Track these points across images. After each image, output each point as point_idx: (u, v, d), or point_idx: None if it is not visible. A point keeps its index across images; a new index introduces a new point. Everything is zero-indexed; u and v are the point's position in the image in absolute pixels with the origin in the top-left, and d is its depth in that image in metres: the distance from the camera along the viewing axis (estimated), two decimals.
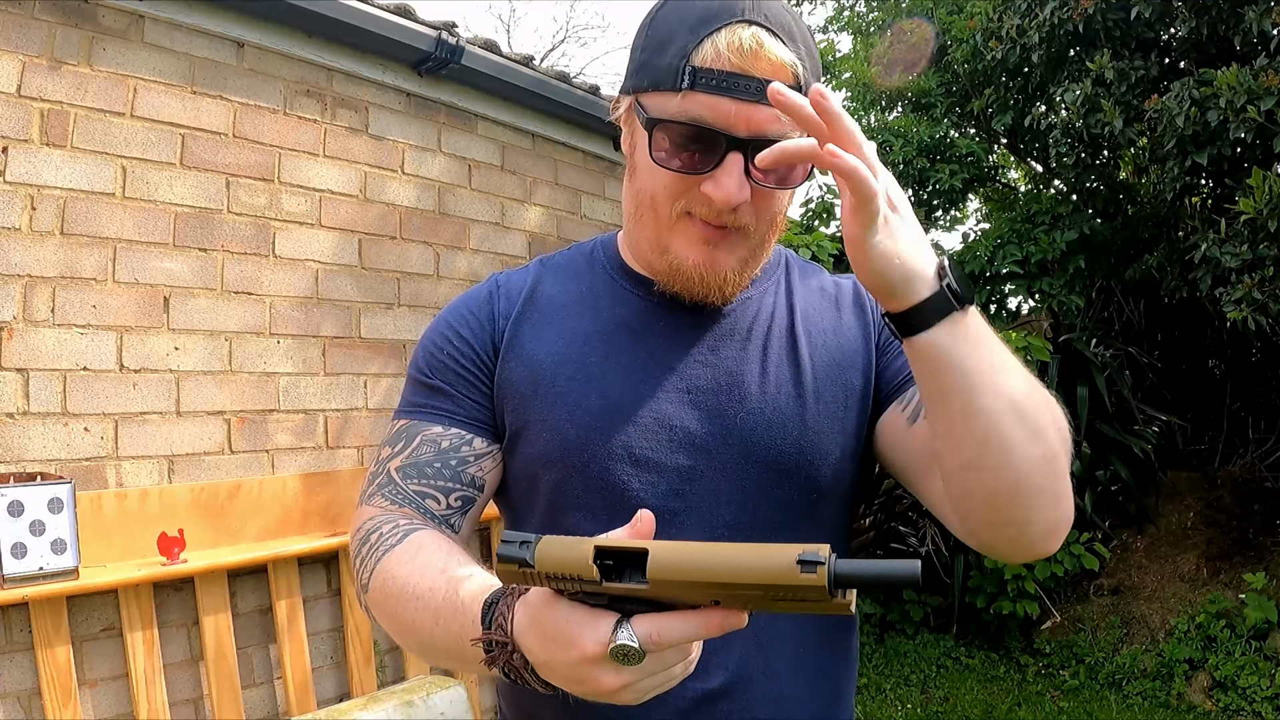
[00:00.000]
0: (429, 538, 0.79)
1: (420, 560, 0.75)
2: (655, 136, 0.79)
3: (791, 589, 0.49)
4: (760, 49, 0.74)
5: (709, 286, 0.84)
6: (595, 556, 0.51)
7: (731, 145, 0.76)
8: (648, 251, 0.87)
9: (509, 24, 25.26)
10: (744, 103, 0.74)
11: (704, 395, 0.85)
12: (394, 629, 0.77)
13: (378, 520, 0.83)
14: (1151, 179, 4.64)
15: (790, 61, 0.75)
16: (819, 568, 0.48)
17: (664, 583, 0.50)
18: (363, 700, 2.33)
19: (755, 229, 0.82)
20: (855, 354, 0.91)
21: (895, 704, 3.91)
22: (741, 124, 0.75)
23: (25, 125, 2.25)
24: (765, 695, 0.83)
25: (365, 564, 0.80)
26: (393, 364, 3.10)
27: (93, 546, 2.24)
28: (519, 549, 0.52)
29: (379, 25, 2.90)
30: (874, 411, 0.90)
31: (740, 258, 0.84)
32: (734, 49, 0.74)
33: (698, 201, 0.79)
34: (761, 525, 0.84)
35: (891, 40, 5.51)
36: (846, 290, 0.95)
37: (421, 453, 0.86)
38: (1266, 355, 4.99)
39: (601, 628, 0.54)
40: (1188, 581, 4.23)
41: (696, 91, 0.75)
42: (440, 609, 0.69)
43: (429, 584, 0.72)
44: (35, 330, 2.26)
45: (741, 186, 0.76)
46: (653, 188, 0.82)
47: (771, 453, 0.84)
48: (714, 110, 0.75)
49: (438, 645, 0.71)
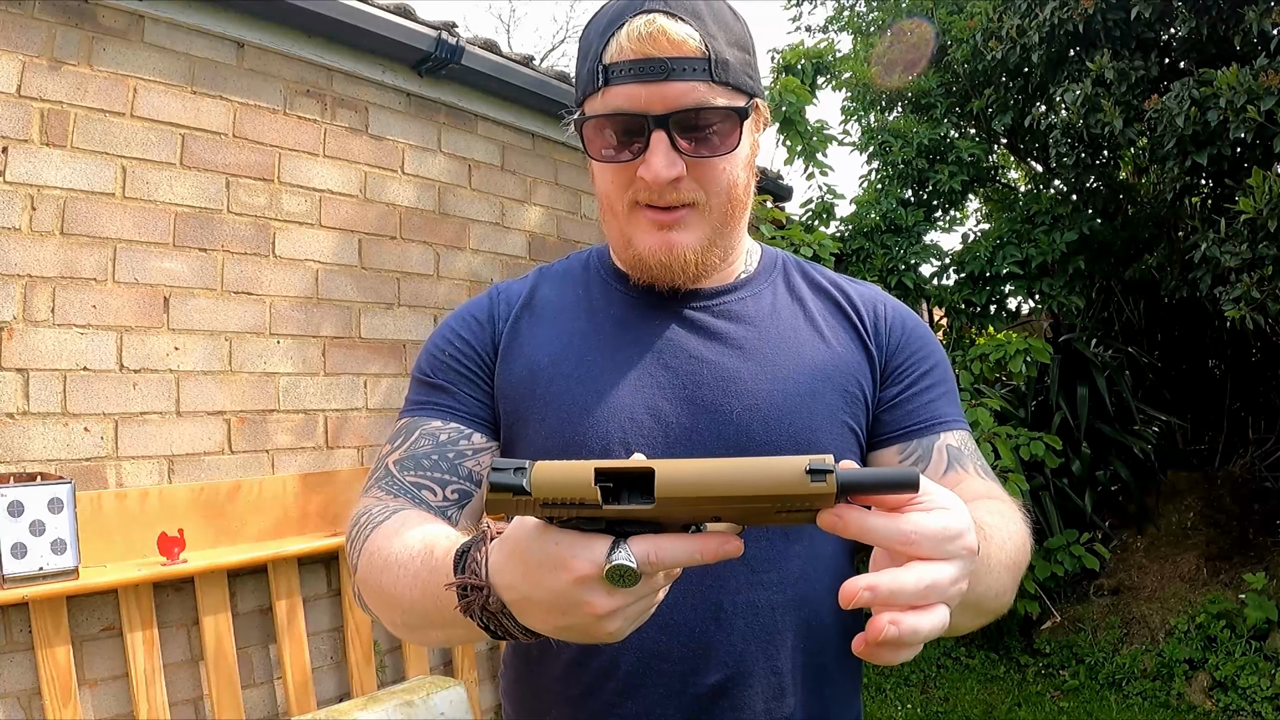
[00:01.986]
0: (415, 514, 0.78)
1: (404, 532, 0.74)
2: (586, 135, 0.83)
3: (801, 498, 0.49)
4: (661, 32, 0.78)
5: (672, 271, 0.85)
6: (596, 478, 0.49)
7: (654, 125, 0.79)
8: (618, 249, 0.90)
9: (509, 24, 25.29)
10: (653, 84, 0.78)
11: (697, 391, 0.86)
12: (379, 603, 0.76)
13: (371, 508, 0.83)
14: (1151, 179, 4.64)
15: (689, 35, 0.78)
16: (828, 476, 0.48)
17: (670, 500, 0.49)
18: (363, 700, 2.33)
19: (708, 204, 0.84)
20: (856, 364, 0.91)
21: (895, 704, 3.90)
22: (657, 103, 0.78)
23: (25, 125, 2.25)
24: (767, 691, 0.83)
25: (354, 546, 0.80)
26: (392, 364, 3.10)
27: (93, 546, 2.24)
28: (513, 475, 0.49)
29: (379, 25, 2.90)
30: (868, 437, 0.91)
31: (699, 237, 0.85)
32: (634, 38, 0.78)
33: (641, 188, 0.82)
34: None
35: (891, 40, 5.50)
36: (855, 300, 0.95)
37: (419, 446, 0.87)
38: (1266, 355, 4.99)
39: (597, 548, 0.51)
40: (1188, 581, 4.23)
41: (611, 85, 0.79)
42: (418, 571, 0.68)
43: (410, 551, 0.70)
44: (35, 330, 2.26)
45: (671, 163, 0.79)
46: (604, 186, 0.86)
47: (766, 450, 0.84)
48: (629, 98, 0.79)
49: (418, 610, 0.69)
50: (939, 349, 0.96)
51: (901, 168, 5.26)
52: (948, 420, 0.91)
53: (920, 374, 0.92)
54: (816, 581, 0.87)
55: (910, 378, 0.92)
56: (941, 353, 0.96)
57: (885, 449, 0.90)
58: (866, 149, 5.51)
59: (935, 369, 0.93)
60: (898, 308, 0.96)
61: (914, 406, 0.90)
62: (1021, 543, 0.79)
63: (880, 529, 0.51)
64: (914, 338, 0.94)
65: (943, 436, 0.90)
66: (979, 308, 5.22)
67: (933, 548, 0.52)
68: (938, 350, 0.96)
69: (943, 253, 5.22)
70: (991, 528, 0.73)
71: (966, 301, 5.18)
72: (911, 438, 0.89)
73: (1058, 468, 4.39)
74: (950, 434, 0.90)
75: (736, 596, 0.83)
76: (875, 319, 0.94)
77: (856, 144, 5.63)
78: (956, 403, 0.94)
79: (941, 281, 5.36)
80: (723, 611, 0.83)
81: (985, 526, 0.71)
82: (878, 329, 0.93)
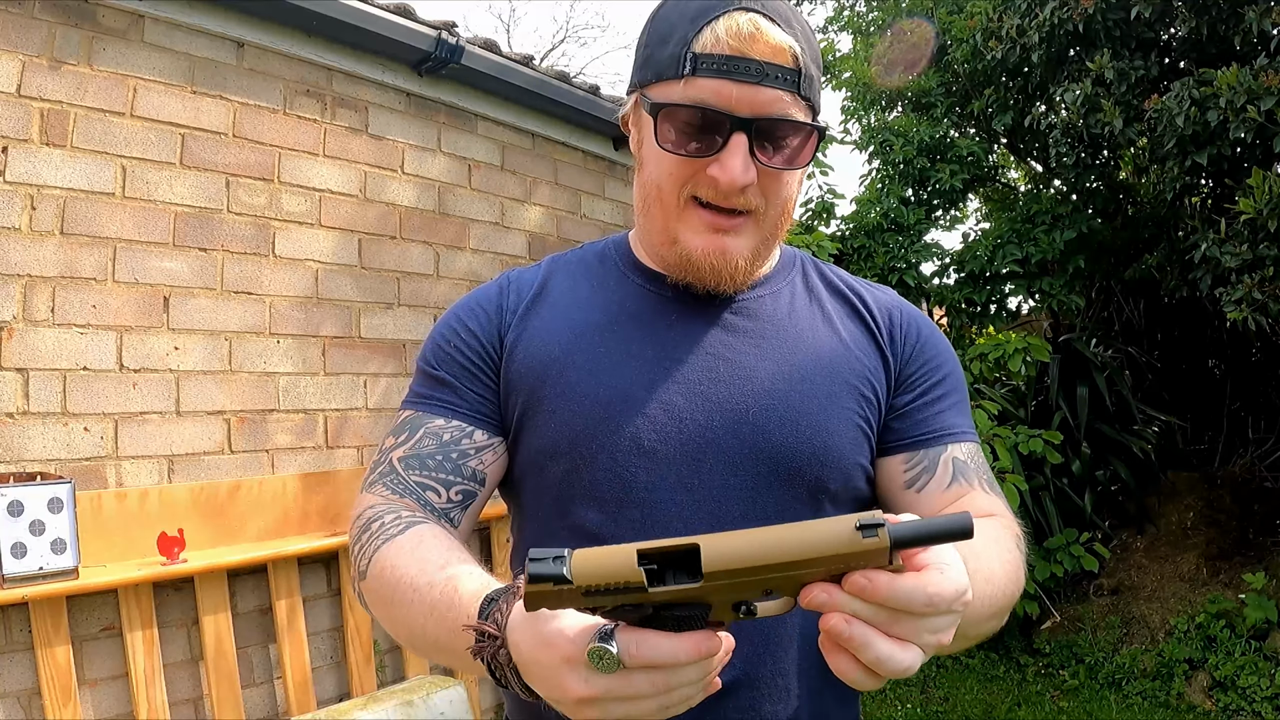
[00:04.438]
0: (430, 532, 0.79)
1: (421, 554, 0.75)
2: (660, 123, 0.80)
3: (854, 556, 0.48)
4: (758, 32, 0.76)
5: (720, 275, 0.84)
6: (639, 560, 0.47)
7: (736, 126, 0.77)
8: (658, 244, 0.87)
9: (509, 24, 25.28)
10: (745, 84, 0.76)
11: (714, 388, 0.85)
12: (385, 616, 0.77)
13: (379, 509, 0.82)
14: (1151, 179, 4.64)
15: (788, 44, 0.77)
16: (879, 530, 0.48)
17: (718, 573, 0.47)
18: (362, 700, 2.33)
19: (766, 214, 0.83)
20: (872, 368, 0.90)
21: (895, 704, 3.90)
22: (744, 105, 0.76)
23: (25, 125, 2.25)
24: (772, 693, 0.83)
25: (364, 551, 0.80)
26: (392, 364, 3.10)
27: (93, 546, 2.24)
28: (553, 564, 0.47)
29: (379, 25, 2.90)
30: (876, 442, 0.90)
31: (751, 245, 0.84)
32: (732, 34, 0.76)
33: (704, 185, 0.80)
34: (768, 522, 0.83)
35: (891, 40, 5.51)
36: (871, 305, 0.95)
37: (424, 445, 0.86)
38: (1266, 355, 4.99)
39: (588, 632, 0.54)
40: (1188, 581, 4.23)
41: (698, 76, 0.77)
42: (437, 603, 0.69)
43: (428, 579, 0.71)
44: (35, 330, 2.26)
45: (747, 167, 0.77)
46: (659, 176, 0.82)
47: (783, 449, 0.83)
48: (716, 93, 0.77)
49: (428, 637, 0.71)
50: (953, 357, 0.95)
51: (902, 166, 5.26)
52: (957, 432, 0.90)
53: (932, 383, 0.91)
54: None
55: (922, 386, 0.91)
56: (955, 361, 0.95)
57: (892, 457, 0.89)
58: (867, 147, 5.52)
59: (948, 378, 0.93)
60: (914, 314, 0.96)
61: (924, 416, 0.90)
62: (1013, 574, 0.79)
63: (904, 594, 0.52)
64: (928, 345, 0.93)
65: (950, 449, 0.89)
66: (979, 307, 5.22)
67: (946, 610, 0.54)
68: (951, 359, 0.95)
69: (943, 252, 5.22)
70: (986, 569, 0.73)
71: (967, 301, 5.18)
72: (919, 448, 0.88)
73: (1057, 468, 4.39)
74: (959, 446, 0.89)
75: None
76: (891, 324, 0.93)
77: (857, 143, 5.64)
78: (967, 413, 0.93)
79: (942, 280, 5.36)
80: None
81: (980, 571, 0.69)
82: (893, 335, 0.92)
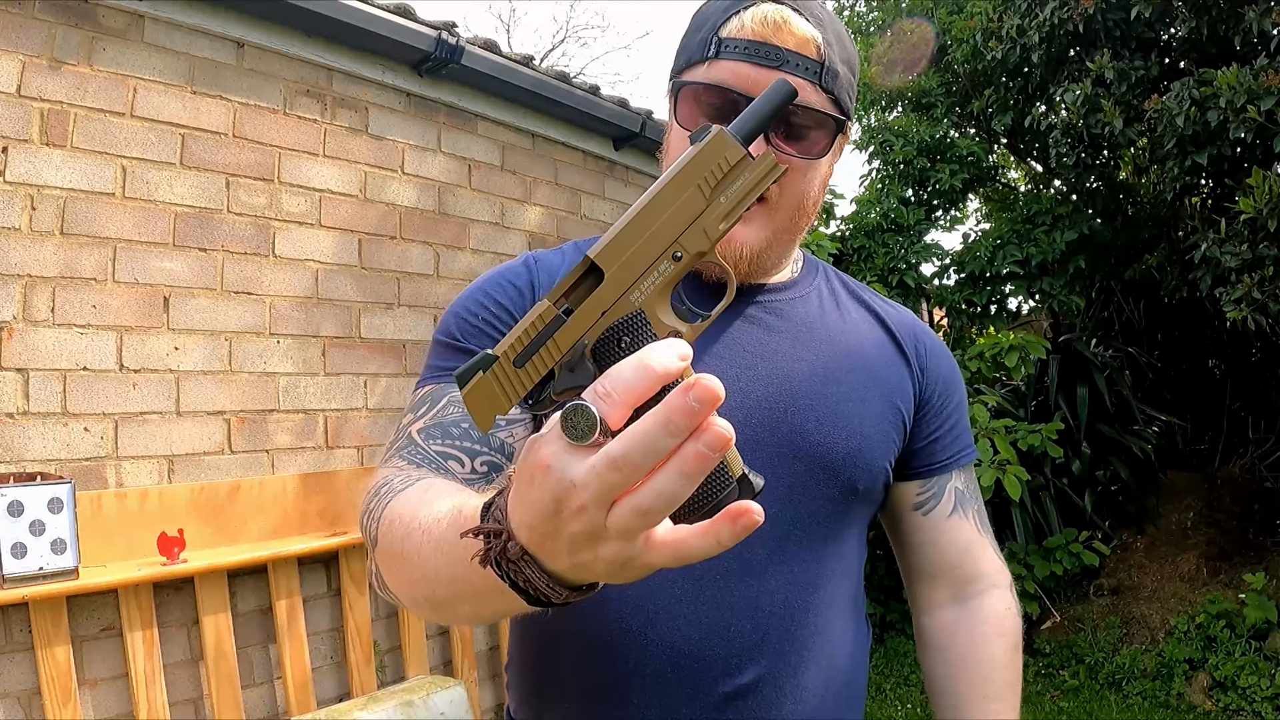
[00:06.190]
0: (442, 482, 0.71)
1: (429, 496, 0.66)
2: (680, 102, 0.81)
3: (708, 159, 0.51)
4: (784, 23, 0.77)
5: (725, 262, 0.82)
6: (554, 301, 0.49)
7: None
8: None
9: (509, 24, 25.25)
10: (767, 69, 0.77)
11: (753, 386, 0.85)
12: (400, 577, 0.66)
13: (388, 475, 0.76)
14: (1151, 179, 4.64)
15: (814, 36, 0.78)
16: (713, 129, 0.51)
17: (610, 257, 0.49)
18: (362, 700, 2.33)
19: (779, 205, 0.82)
20: (899, 383, 0.92)
21: (895, 704, 3.91)
22: (762, 88, 0.75)
23: (25, 125, 2.25)
24: (792, 692, 0.84)
25: (371, 516, 0.72)
26: (392, 364, 3.10)
27: (93, 546, 2.24)
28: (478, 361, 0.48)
29: (379, 25, 2.90)
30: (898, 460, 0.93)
31: (760, 236, 0.83)
32: (758, 21, 0.77)
33: None
34: (801, 520, 0.84)
35: (891, 40, 5.51)
36: (893, 325, 0.96)
37: (447, 413, 0.80)
38: (1266, 355, 4.99)
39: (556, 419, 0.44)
40: (1188, 581, 4.23)
41: (722, 59, 0.78)
42: (444, 534, 0.59)
43: (436, 517, 0.61)
44: (35, 330, 2.25)
45: (760, 149, 0.77)
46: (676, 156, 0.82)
47: (821, 449, 0.84)
48: (737, 75, 0.78)
49: (443, 577, 0.59)
50: (960, 376, 1.00)
51: (902, 166, 5.26)
52: (962, 455, 0.95)
53: (950, 410, 0.95)
54: (838, 584, 0.88)
55: (944, 414, 0.95)
56: (961, 380, 1.00)
57: (908, 483, 0.94)
58: (867, 148, 5.52)
59: (961, 401, 0.97)
60: (936, 340, 0.99)
61: (943, 445, 0.94)
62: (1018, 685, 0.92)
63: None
64: (950, 372, 0.97)
65: (954, 475, 0.94)
66: (979, 307, 5.22)
67: None
68: (959, 376, 0.99)
69: (943, 252, 5.22)
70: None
71: (967, 301, 5.19)
72: (933, 475, 0.93)
73: (1058, 468, 4.39)
74: (961, 471, 0.94)
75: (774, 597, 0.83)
76: (918, 346, 0.95)
77: (857, 143, 5.63)
78: (968, 423, 0.98)
79: (942, 281, 5.36)
80: (759, 611, 0.83)
81: None
82: (919, 357, 0.94)
